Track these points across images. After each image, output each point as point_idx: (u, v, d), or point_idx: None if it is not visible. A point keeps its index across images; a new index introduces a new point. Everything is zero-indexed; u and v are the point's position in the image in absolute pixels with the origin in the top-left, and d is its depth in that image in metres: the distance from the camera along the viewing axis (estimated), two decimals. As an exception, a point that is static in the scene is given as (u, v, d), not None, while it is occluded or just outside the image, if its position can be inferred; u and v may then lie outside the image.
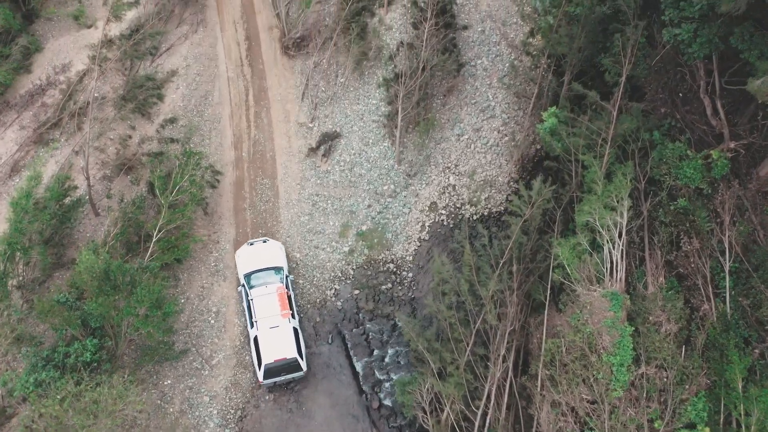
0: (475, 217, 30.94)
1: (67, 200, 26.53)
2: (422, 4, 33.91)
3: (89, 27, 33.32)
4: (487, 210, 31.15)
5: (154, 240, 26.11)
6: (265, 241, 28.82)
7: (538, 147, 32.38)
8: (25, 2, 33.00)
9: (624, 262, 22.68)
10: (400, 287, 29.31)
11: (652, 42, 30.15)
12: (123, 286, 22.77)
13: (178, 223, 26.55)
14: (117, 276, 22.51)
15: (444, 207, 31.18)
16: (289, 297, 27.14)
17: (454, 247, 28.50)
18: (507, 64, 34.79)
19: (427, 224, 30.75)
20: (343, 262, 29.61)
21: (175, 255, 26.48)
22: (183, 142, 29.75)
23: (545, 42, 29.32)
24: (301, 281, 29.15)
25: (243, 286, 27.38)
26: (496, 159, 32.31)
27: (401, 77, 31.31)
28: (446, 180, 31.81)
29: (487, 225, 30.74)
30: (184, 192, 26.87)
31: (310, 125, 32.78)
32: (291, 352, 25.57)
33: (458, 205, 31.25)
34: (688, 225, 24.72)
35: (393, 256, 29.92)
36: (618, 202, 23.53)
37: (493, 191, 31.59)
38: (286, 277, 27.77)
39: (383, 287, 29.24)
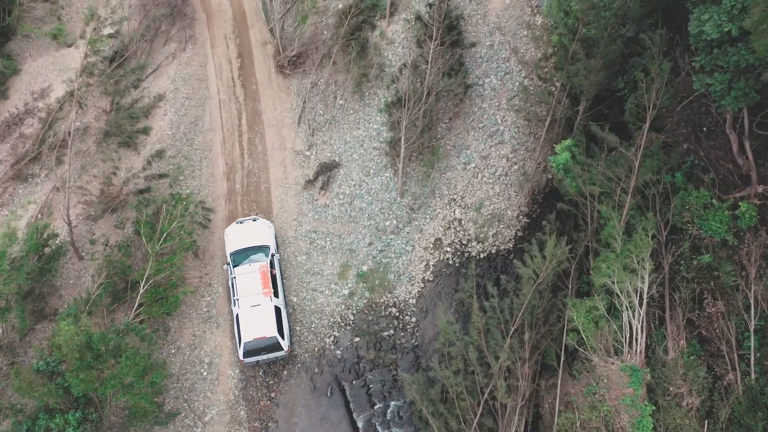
0: (482, 256, 29.23)
1: (47, 250, 24.79)
2: (427, 20, 31.64)
3: (69, 46, 31.09)
4: (494, 247, 29.41)
5: (140, 292, 24.48)
6: (254, 220, 28.40)
7: (550, 176, 30.47)
8: (1, 19, 30.77)
9: (645, 332, 21.08)
10: (402, 333, 27.78)
11: (675, 67, 28.08)
12: (106, 355, 21.23)
13: (167, 273, 24.86)
14: (99, 346, 20.95)
15: (449, 244, 29.45)
16: (273, 276, 26.84)
17: (461, 297, 26.85)
18: (517, 83, 32.65)
19: (431, 263, 29.06)
20: (343, 307, 28.03)
21: (163, 309, 24.92)
22: (171, 180, 27.84)
23: (560, 74, 27.18)
24: (298, 328, 27.61)
25: (228, 264, 27.02)
26: (505, 190, 30.43)
27: (404, 103, 29.24)
28: (452, 214, 30.00)
29: (494, 264, 29.09)
30: (173, 239, 25.12)
31: (307, 153, 30.81)
32: (271, 331, 25.32)
33: (464, 242, 29.50)
34: (712, 283, 23.04)
35: (395, 299, 28.31)
36: (639, 263, 21.81)
37: (501, 226, 29.80)
38: (272, 255, 27.21)
39: (385, 334, 27.72)
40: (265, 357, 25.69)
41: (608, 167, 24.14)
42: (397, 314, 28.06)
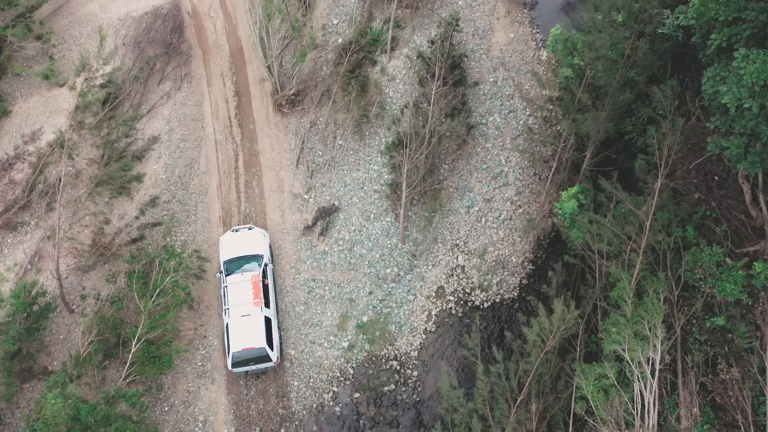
0: (485, 305, 28.32)
1: (35, 308, 23.91)
2: (429, 56, 30.74)
3: (61, 86, 30.21)
4: (498, 296, 28.50)
5: (132, 351, 23.60)
6: (250, 228, 28.13)
7: (556, 220, 29.55)
8: (-9, 58, 29.94)
9: (657, 404, 20.16)
10: (404, 388, 26.87)
11: (684, 110, 27.20)
12: (95, 426, 20.34)
13: (160, 331, 23.97)
14: (89, 419, 20.06)
15: (452, 293, 28.54)
16: (266, 286, 26.57)
17: (464, 354, 25.93)
18: (521, 122, 31.79)
19: (433, 313, 28.16)
20: (342, 360, 27.12)
21: (156, 368, 24.02)
22: (166, 229, 26.93)
23: (566, 122, 26.27)
24: (296, 383, 26.71)
25: (221, 272, 26.77)
26: (510, 235, 29.53)
27: (405, 146, 28.35)
28: (454, 260, 29.09)
29: (498, 314, 28.18)
30: (166, 295, 24.24)
31: (306, 197, 29.92)
32: (260, 342, 25.12)
33: (467, 290, 28.59)
34: (726, 348, 22.15)
35: (396, 352, 27.40)
36: (650, 330, 20.91)
37: (505, 273, 28.90)
38: (266, 265, 26.96)
39: (386, 389, 26.80)
40: (254, 368, 25.60)
41: (617, 223, 23.23)
42: (398, 368, 27.14)
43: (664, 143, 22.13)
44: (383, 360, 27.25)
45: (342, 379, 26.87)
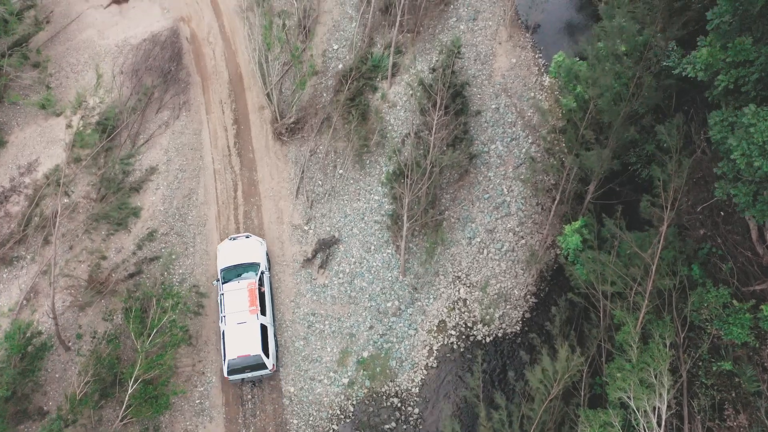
0: (488, 340, 27.91)
1: (30, 348, 23.51)
2: (430, 82, 30.35)
3: (58, 115, 29.82)
4: (501, 330, 28.10)
5: (129, 392, 23.19)
6: (247, 237, 28.26)
7: (559, 252, 29.16)
8: (-13, 87, 29.58)
9: (664, 455, 19.78)
10: (405, 426, 26.45)
11: (689, 141, 26.82)
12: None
13: (157, 372, 23.58)
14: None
15: (454, 327, 28.14)
16: (262, 294, 26.66)
17: (466, 395, 25.52)
18: (524, 150, 31.42)
19: (435, 348, 27.75)
20: (342, 397, 26.71)
21: (153, 410, 23.60)
22: (164, 264, 26.54)
23: (571, 158, 25.88)
24: (295, 421, 26.29)
25: (218, 280, 26.95)
26: (512, 267, 29.14)
27: (406, 178, 27.95)
28: (456, 293, 28.70)
29: (500, 349, 27.78)
30: (164, 335, 23.85)
31: (306, 228, 29.53)
32: (255, 349, 25.22)
33: (469, 325, 28.19)
34: (733, 393, 21.74)
35: (397, 388, 26.99)
36: (656, 377, 20.50)
37: (508, 307, 28.50)
38: (262, 273, 27.06)
39: (386, 427, 26.39)
40: (249, 375, 25.67)
41: (622, 263, 22.83)
42: (399, 405, 26.73)
43: (670, 185, 21.70)
44: (384, 397, 26.85)
45: (342, 416, 26.46)
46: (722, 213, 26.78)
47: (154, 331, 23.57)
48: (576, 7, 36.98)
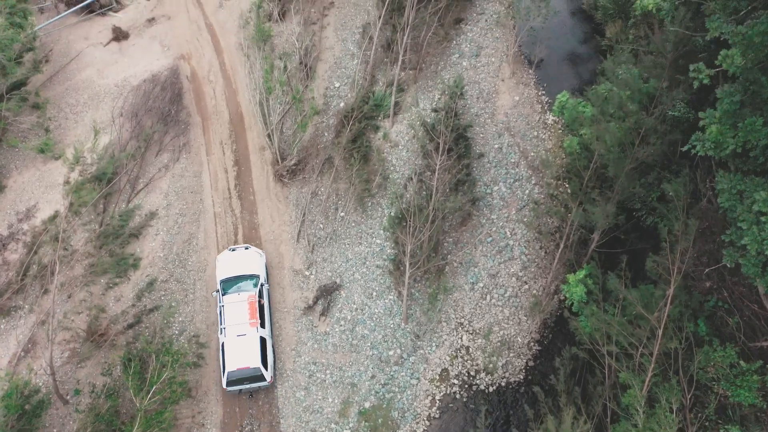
0: (491, 389, 27.58)
1: (27, 407, 23.19)
2: (434, 121, 30.06)
3: (57, 159, 29.55)
4: (504, 380, 27.74)
5: (128, 452, 22.88)
6: (246, 248, 28.48)
7: (562, 298, 28.85)
8: (-15, 130, 29.32)
9: None
10: (407, 479, 26.15)
11: (694, 190, 26.49)
12: None
13: (156, 431, 23.26)
14: None
15: (456, 375, 27.81)
16: (261, 306, 26.91)
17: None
18: (527, 192, 31.11)
19: (437, 398, 27.41)
20: (344, 449, 26.41)
21: (152, 471, 23.26)
22: (164, 315, 26.22)
23: (575, 214, 25.57)
24: (296, 475, 26.01)
25: (218, 291, 27.15)
26: (515, 314, 28.82)
27: (408, 224, 27.64)
28: (459, 340, 28.37)
29: (504, 399, 27.45)
30: (163, 392, 23.53)
31: (307, 273, 29.22)
32: (255, 362, 25.51)
33: (472, 373, 27.86)
34: (741, 458, 21.43)
35: (399, 440, 26.68)
36: (663, 446, 20.18)
37: (511, 355, 28.16)
38: (262, 285, 27.32)
39: (389, 480, 26.10)
40: (247, 386, 25.93)
41: (628, 323, 22.51)
42: (401, 457, 26.44)
43: (677, 246, 21.40)
44: (386, 449, 26.53)
45: (343, 470, 26.16)
46: (728, 265, 26.51)
47: (153, 387, 23.24)
48: (579, 39, 36.72)
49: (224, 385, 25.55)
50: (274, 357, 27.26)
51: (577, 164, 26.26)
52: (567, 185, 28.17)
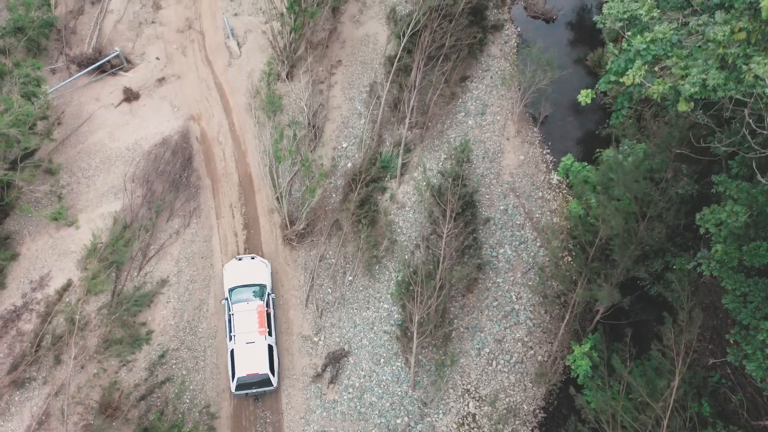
0: (497, 458, 28.00)
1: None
2: (439, 190, 30.49)
3: (70, 225, 30.03)
4: (510, 449, 28.19)
5: None
6: (252, 258, 29.78)
7: (568, 364, 29.24)
8: (-1, 198, 29.79)
9: None
10: None
11: (697, 264, 26.88)
12: None
13: None
14: None
15: (463, 444, 28.24)
16: (268, 315, 28.34)
17: None
18: (532, 254, 31.55)
19: (444, 466, 27.86)
20: None
21: None
22: (175, 397, 26.61)
23: (580, 292, 26.01)
24: None
25: (227, 299, 28.42)
26: (521, 380, 29.22)
27: (416, 294, 28.07)
28: (465, 407, 28.76)
29: (511, 469, 27.86)
30: (175, 469, 23.97)
31: (315, 339, 29.63)
32: (263, 368, 27.11)
33: (479, 441, 28.29)
34: None
35: None
36: None
37: (517, 423, 28.56)
38: (268, 295, 28.76)
39: None
40: (254, 391, 27.39)
41: (633, 410, 22.90)
42: None
43: (681, 338, 21.81)
44: None
45: None
46: (731, 341, 26.91)
47: (166, 467, 23.67)
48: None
49: (233, 390, 27.07)
50: (279, 363, 28.72)
51: (583, 239, 26.66)
52: (572, 258, 28.57)
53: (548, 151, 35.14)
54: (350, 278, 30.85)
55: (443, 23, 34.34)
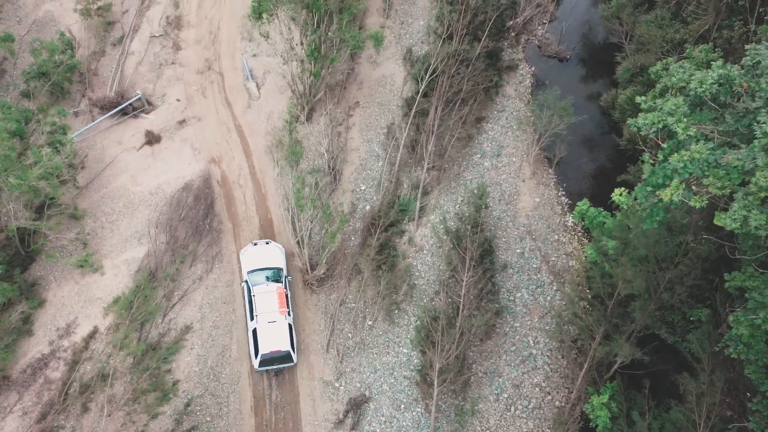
0: (517, 505, 28.43)
1: None
2: (456, 229, 30.97)
3: (95, 272, 30.52)
4: (529, 495, 28.63)
5: None
6: (267, 243, 31.40)
7: (584, 408, 29.69)
8: (25, 244, 30.26)
9: None
10: None
11: (714, 315, 27.34)
12: None
13: None
14: None
15: (483, 490, 28.68)
16: (286, 296, 29.80)
17: None
18: (549, 298, 32.02)
19: None
20: None
21: None
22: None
23: (600, 348, 26.46)
24: None
25: (246, 282, 29.84)
26: (539, 425, 29.65)
27: (437, 343, 28.54)
28: (485, 453, 29.25)
29: None
30: None
31: (336, 384, 30.08)
32: (285, 345, 28.73)
33: (498, 488, 28.73)
34: None
35: None
36: None
37: (535, 469, 29.04)
38: (285, 277, 30.27)
39: None
40: (274, 367, 28.97)
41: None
42: None
43: (703, 400, 22.27)
44: None
45: None
46: (748, 394, 27.37)
47: None
48: (597, 135, 37.66)
49: (256, 366, 28.55)
50: (297, 341, 30.19)
51: (602, 291, 27.11)
52: (590, 306, 29.03)
53: (563, 192, 35.63)
54: (370, 323, 31.31)
55: (460, 68, 34.91)
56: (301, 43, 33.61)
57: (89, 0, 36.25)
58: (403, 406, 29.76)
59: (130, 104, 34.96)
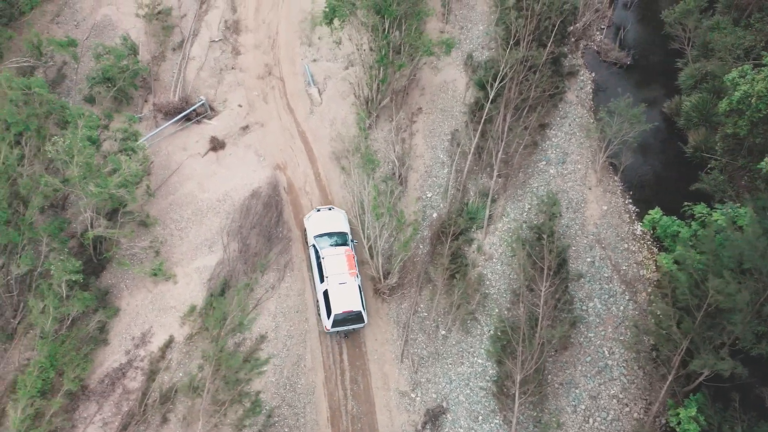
0: None
1: None
2: (527, 237, 30.62)
3: (168, 280, 30.20)
4: None
5: None
6: (330, 209, 32.26)
7: (665, 421, 29.38)
8: (97, 252, 29.94)
9: None
10: None
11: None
12: None
13: None
14: None
15: (564, 505, 28.36)
16: (354, 258, 30.40)
17: None
18: (622, 308, 31.69)
19: None
20: None
21: None
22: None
23: (697, 363, 26.10)
24: None
25: (313, 246, 30.54)
26: (619, 438, 29.38)
27: (518, 355, 28.21)
28: (565, 466, 28.92)
29: None
30: None
31: (413, 395, 29.75)
32: (357, 306, 29.21)
33: (579, 502, 28.40)
34: None
35: None
36: None
37: (618, 482, 28.72)
38: (351, 240, 31.00)
39: None
40: (345, 328, 29.46)
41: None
42: None
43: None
44: None
45: None
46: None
47: None
48: (660, 142, 37.24)
49: (329, 327, 29.04)
50: (365, 302, 30.60)
51: (690, 302, 26.74)
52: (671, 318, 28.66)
53: (630, 200, 35.27)
54: (443, 332, 30.97)
55: (528, 74, 34.58)
56: (371, 49, 33.27)
57: (152, 4, 35.88)
58: (480, 417, 29.43)
59: (194, 110, 34.62)
